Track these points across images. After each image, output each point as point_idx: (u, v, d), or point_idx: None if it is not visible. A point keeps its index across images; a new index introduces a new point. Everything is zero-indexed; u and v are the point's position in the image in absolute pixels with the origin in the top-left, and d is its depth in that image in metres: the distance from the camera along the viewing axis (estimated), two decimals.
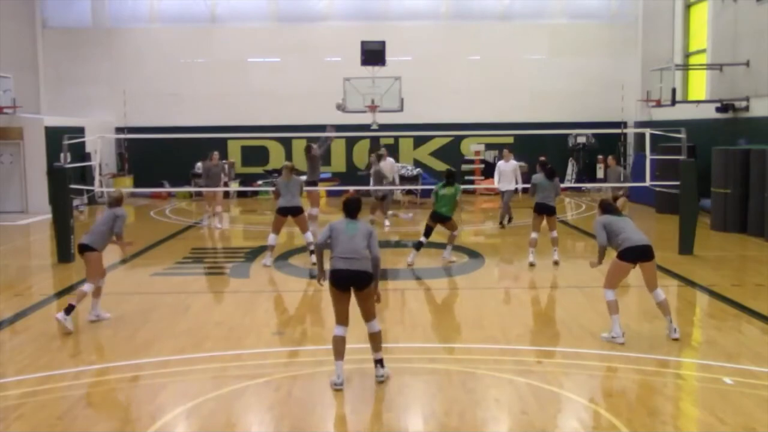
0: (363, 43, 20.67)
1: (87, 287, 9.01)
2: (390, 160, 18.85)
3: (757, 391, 6.66)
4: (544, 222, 12.64)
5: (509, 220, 17.13)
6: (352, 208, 7.16)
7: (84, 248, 9.20)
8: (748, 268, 12.54)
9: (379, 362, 6.99)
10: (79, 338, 8.88)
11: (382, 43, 20.62)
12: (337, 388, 6.83)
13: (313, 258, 12.12)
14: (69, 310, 8.73)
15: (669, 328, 8.27)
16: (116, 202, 9.86)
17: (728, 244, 14.58)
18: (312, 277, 11.64)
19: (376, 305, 7.07)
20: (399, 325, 8.99)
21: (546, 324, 9.22)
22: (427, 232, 12.81)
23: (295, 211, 12.52)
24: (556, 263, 12.45)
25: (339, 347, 6.93)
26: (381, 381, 6.92)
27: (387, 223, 17.51)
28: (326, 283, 7.08)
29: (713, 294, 10.40)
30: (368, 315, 7.01)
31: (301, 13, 24.92)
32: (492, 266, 12.89)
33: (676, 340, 8.13)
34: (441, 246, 15.09)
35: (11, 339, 8.66)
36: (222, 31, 24.91)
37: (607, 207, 8.68)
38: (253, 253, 13.91)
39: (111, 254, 15.05)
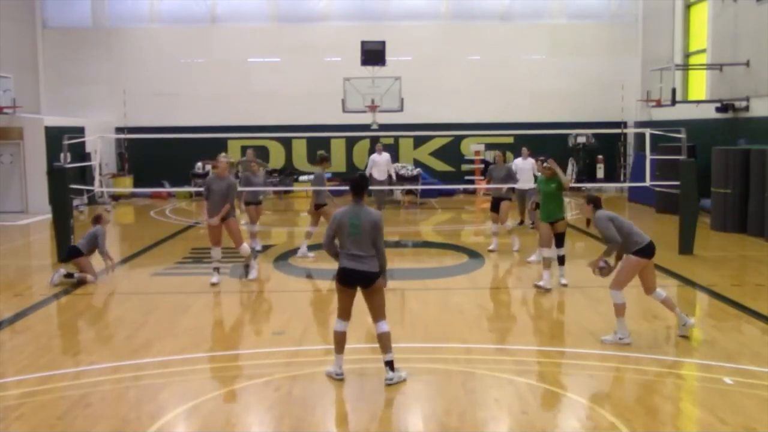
0: (363, 43, 20.70)
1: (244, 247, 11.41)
2: (385, 155, 18.81)
3: (757, 391, 6.66)
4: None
5: (521, 223, 16.46)
6: (358, 187, 6.92)
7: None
8: (748, 268, 12.53)
9: (388, 364, 6.83)
10: (79, 338, 8.90)
11: (382, 43, 20.64)
12: (339, 377, 6.94)
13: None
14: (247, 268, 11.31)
15: (681, 320, 8.13)
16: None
17: (728, 244, 14.58)
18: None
19: (384, 305, 6.98)
20: (399, 325, 9.00)
21: (546, 324, 9.21)
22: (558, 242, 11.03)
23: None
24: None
25: (339, 341, 6.99)
26: (390, 384, 6.77)
27: None
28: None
29: (713, 294, 10.40)
30: (376, 315, 6.93)
31: (301, 13, 24.93)
32: (492, 266, 12.88)
33: (686, 334, 8.11)
34: (439, 246, 15.10)
35: (11, 339, 8.66)
36: (222, 31, 24.93)
37: (599, 201, 8.26)
38: (253, 253, 13.87)
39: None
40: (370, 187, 17.21)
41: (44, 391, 6.79)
